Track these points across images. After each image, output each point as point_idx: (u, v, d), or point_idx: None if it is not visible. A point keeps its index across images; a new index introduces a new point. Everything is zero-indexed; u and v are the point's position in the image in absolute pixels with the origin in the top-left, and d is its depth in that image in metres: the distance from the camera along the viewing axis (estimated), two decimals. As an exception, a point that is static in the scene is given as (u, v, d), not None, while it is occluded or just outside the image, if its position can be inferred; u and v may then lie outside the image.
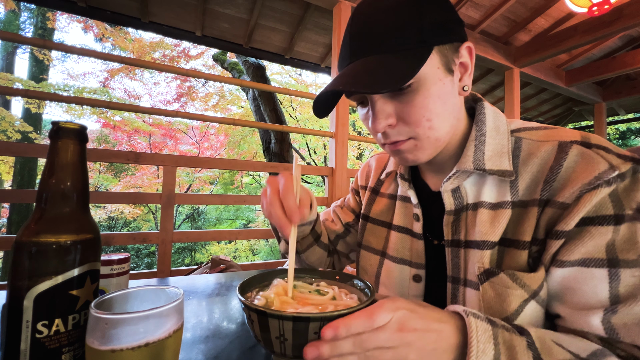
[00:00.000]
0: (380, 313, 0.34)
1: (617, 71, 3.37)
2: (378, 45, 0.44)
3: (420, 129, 0.47)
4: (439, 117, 0.47)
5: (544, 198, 0.44)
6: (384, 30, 0.44)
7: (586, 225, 0.40)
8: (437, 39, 0.44)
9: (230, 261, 1.66)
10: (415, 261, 0.58)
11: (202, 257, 8.16)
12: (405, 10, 0.43)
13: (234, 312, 0.65)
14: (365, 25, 0.45)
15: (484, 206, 0.49)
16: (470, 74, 0.49)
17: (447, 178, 0.51)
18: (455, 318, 0.38)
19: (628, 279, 0.38)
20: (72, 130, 0.39)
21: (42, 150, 1.45)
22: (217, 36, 2.83)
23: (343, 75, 0.45)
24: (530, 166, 0.46)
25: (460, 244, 0.51)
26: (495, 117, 0.53)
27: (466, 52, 0.48)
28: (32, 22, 7.26)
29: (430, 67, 0.44)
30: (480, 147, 0.50)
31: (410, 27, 0.43)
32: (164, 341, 0.33)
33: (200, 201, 2.28)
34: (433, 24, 0.44)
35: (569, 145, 0.44)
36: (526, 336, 0.37)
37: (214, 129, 8.76)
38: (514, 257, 0.45)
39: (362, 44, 0.45)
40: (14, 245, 0.36)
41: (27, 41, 1.84)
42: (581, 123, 6.07)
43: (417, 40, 0.43)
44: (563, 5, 2.54)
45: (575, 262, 0.40)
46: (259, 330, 0.37)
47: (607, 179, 0.39)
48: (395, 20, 0.43)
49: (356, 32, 0.46)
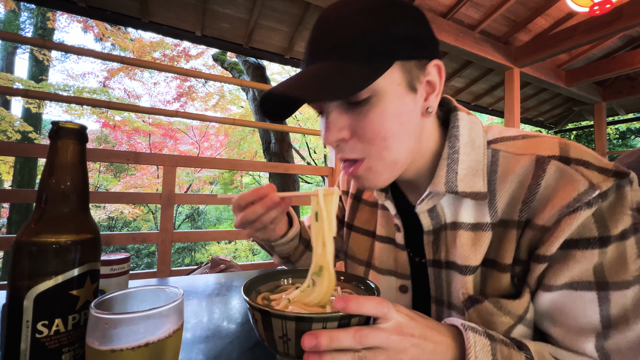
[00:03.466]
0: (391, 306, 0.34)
1: (617, 71, 3.37)
2: (336, 50, 0.41)
3: (374, 147, 0.43)
4: (395, 137, 0.43)
5: (523, 219, 0.42)
6: (345, 35, 0.41)
7: (570, 249, 0.38)
8: (401, 52, 0.41)
9: (230, 261, 1.66)
10: (400, 272, 0.56)
11: (202, 257, 8.17)
12: (372, 17, 0.41)
13: (234, 312, 0.65)
14: (327, 28, 0.43)
15: (463, 227, 0.46)
16: (437, 94, 0.46)
17: (421, 200, 0.49)
18: (453, 331, 0.37)
19: (619, 301, 0.36)
20: (72, 130, 0.39)
21: (42, 150, 1.45)
22: (217, 36, 2.83)
23: (291, 79, 0.42)
24: (509, 184, 0.44)
25: (442, 265, 0.49)
26: (470, 128, 0.49)
27: (435, 70, 0.45)
28: (32, 22, 7.26)
29: (390, 82, 0.41)
30: (453, 167, 0.46)
31: (373, 34, 0.40)
32: (164, 341, 0.33)
33: (200, 201, 2.28)
34: (400, 36, 0.41)
35: (547, 161, 0.41)
36: (525, 351, 0.37)
37: (214, 129, 8.76)
38: (497, 280, 0.44)
39: (320, 47, 0.43)
40: (14, 245, 0.36)
41: (27, 41, 1.84)
42: (581, 123, 6.07)
43: (379, 50, 0.40)
44: (563, 5, 2.54)
45: (563, 285, 0.39)
46: (263, 329, 0.37)
47: (587, 200, 0.36)
48: (358, 26, 0.40)
49: (316, 34, 0.43)
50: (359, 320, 0.36)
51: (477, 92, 4.32)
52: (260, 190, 0.51)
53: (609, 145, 8.80)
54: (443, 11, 2.66)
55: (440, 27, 2.62)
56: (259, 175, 9.44)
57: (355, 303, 0.33)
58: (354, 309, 0.33)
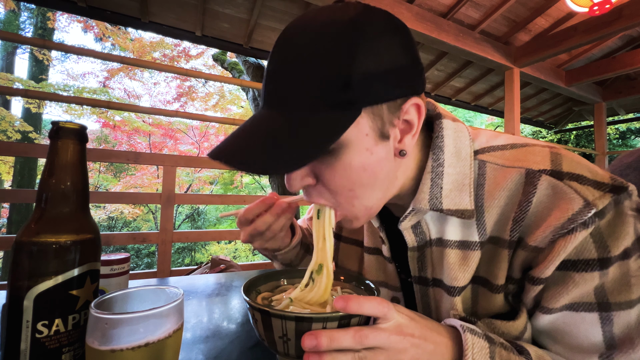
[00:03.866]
0: (391, 306, 0.34)
1: (617, 71, 3.37)
2: (290, 99, 0.35)
3: (342, 198, 0.40)
4: (364, 187, 0.39)
5: (514, 239, 0.39)
6: (301, 76, 0.35)
7: (568, 270, 0.36)
8: (370, 97, 0.35)
9: (230, 261, 1.66)
10: (391, 283, 0.55)
11: (202, 257, 8.16)
12: (333, 49, 0.34)
13: (234, 312, 0.65)
14: (282, 64, 0.36)
15: (450, 245, 0.44)
16: (415, 134, 0.40)
17: (404, 217, 0.45)
18: (452, 332, 0.37)
19: (622, 321, 0.35)
20: (72, 130, 0.39)
21: (42, 150, 1.45)
22: (217, 36, 2.83)
23: (233, 137, 0.38)
24: (498, 200, 0.41)
25: (428, 283, 0.47)
26: (455, 137, 0.44)
27: (413, 109, 0.39)
28: (32, 22, 7.25)
29: (357, 132, 0.36)
30: (437, 181, 0.43)
31: (334, 79, 0.34)
32: (164, 341, 0.33)
33: (200, 201, 2.28)
34: (367, 77, 0.34)
35: (537, 176, 0.38)
36: (525, 355, 0.36)
37: (214, 129, 8.75)
38: (489, 300, 0.42)
39: (273, 91, 0.37)
40: (14, 245, 0.36)
41: (27, 41, 1.84)
42: (581, 123, 6.07)
43: (341, 99, 0.34)
44: (563, 5, 2.54)
45: (563, 307, 0.37)
46: (263, 329, 0.37)
47: (582, 220, 0.34)
48: (317, 65, 0.34)
49: (271, 70, 0.38)
50: (359, 320, 0.36)
51: (477, 92, 4.32)
52: (267, 200, 0.52)
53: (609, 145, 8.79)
54: (443, 11, 2.66)
55: (440, 27, 2.61)
56: (258, 175, 9.43)
57: (356, 303, 0.33)
58: (354, 309, 0.32)
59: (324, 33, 0.35)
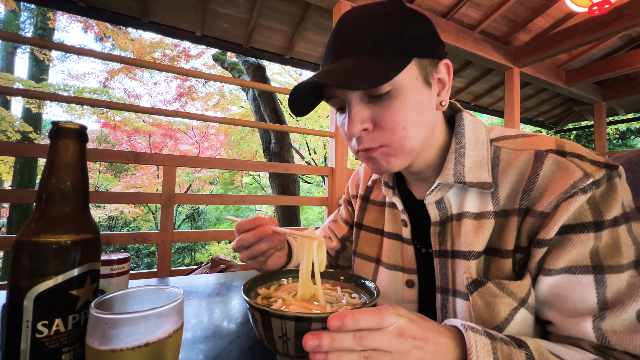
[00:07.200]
0: (388, 313, 0.34)
1: (617, 71, 3.37)
2: (360, 48, 0.45)
3: (394, 136, 0.47)
4: (414, 126, 0.47)
5: (523, 207, 0.45)
6: (368, 34, 0.45)
7: (568, 234, 0.41)
8: (417, 51, 0.46)
9: (230, 261, 1.66)
10: (407, 266, 0.58)
11: (202, 257, 8.16)
12: (390, 20, 0.46)
13: (234, 312, 0.65)
14: (350, 29, 0.47)
15: (468, 216, 0.50)
16: (447, 90, 0.51)
17: (430, 191, 0.52)
18: (453, 332, 0.38)
19: (614, 284, 0.39)
20: (72, 130, 0.39)
21: (42, 150, 1.45)
22: (217, 36, 2.83)
23: (322, 71, 0.46)
24: (509, 176, 0.48)
25: (447, 254, 0.52)
26: (474, 127, 0.53)
27: (444, 68, 0.50)
28: (32, 22, 7.25)
29: (409, 76, 0.46)
30: (460, 160, 0.51)
31: (392, 35, 0.45)
32: (164, 341, 0.33)
33: (200, 201, 2.27)
34: (414, 37, 0.46)
35: (545, 155, 0.45)
36: (524, 348, 0.37)
37: (214, 129, 8.76)
38: (499, 266, 0.46)
39: (346, 45, 0.46)
40: (14, 245, 0.36)
41: (27, 41, 1.84)
42: (581, 123, 6.07)
43: (398, 48, 0.45)
44: (563, 5, 2.54)
45: (562, 269, 0.41)
46: (262, 329, 0.37)
47: (582, 187, 0.40)
48: (379, 28, 0.45)
49: (341, 34, 0.47)
50: None
51: (477, 92, 4.32)
52: (257, 220, 0.55)
53: (609, 145, 8.79)
54: (443, 11, 2.66)
55: (440, 27, 2.62)
56: (259, 175, 9.44)
57: (351, 320, 0.33)
58: (350, 326, 0.33)
59: (384, 13, 0.46)
